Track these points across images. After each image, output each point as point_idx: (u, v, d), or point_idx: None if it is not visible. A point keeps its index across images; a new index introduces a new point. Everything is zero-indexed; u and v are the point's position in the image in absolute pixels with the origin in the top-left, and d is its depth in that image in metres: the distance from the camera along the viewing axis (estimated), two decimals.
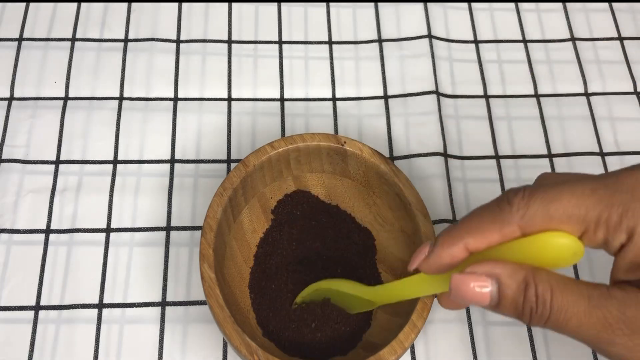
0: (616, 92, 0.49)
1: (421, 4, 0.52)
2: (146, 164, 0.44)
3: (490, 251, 0.27)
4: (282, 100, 0.47)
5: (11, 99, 0.46)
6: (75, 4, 0.50)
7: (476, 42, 0.51)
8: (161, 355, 0.39)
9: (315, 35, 0.50)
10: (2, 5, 0.50)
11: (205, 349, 0.39)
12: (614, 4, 0.53)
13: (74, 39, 0.49)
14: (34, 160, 0.44)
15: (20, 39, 0.48)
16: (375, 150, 0.39)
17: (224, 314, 0.33)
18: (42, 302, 0.40)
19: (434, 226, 0.42)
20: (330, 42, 0.50)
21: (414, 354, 0.39)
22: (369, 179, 0.40)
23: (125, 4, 0.50)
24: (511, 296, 0.26)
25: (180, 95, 0.47)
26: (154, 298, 0.40)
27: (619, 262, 0.26)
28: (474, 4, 0.52)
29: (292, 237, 0.40)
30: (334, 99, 0.48)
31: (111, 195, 0.43)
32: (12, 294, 0.40)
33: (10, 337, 0.39)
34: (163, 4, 0.50)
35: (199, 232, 0.42)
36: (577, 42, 0.51)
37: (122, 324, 0.39)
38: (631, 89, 0.49)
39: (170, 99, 0.47)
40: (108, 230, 0.42)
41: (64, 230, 0.42)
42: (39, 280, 0.40)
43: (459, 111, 0.48)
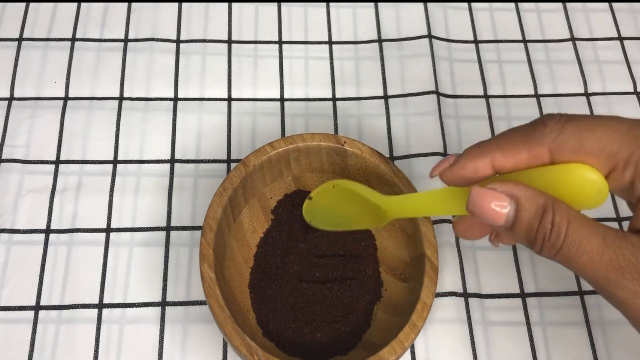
0: (616, 92, 0.49)
1: (421, 4, 0.52)
2: (146, 164, 0.44)
3: (513, 175, 0.27)
4: (282, 100, 0.47)
5: (11, 99, 0.46)
6: (75, 4, 0.50)
7: (476, 42, 0.51)
8: (161, 355, 0.39)
9: (315, 35, 0.50)
10: (2, 5, 0.50)
11: (205, 349, 0.39)
12: (614, 4, 0.53)
13: (74, 39, 0.49)
14: (34, 160, 0.44)
15: (20, 39, 0.48)
16: (375, 150, 0.39)
17: (224, 314, 0.33)
18: (42, 302, 0.40)
19: (434, 226, 0.42)
20: (330, 42, 0.50)
21: (414, 354, 0.39)
22: (369, 179, 0.40)
23: (125, 4, 0.50)
24: (527, 220, 0.26)
25: (180, 95, 0.47)
26: (154, 298, 0.40)
27: None
28: (474, 4, 0.52)
29: (292, 237, 0.40)
30: (334, 99, 0.48)
31: (111, 195, 0.43)
32: (12, 294, 0.40)
33: (10, 337, 0.39)
34: (163, 4, 0.50)
35: (199, 232, 0.42)
36: (577, 42, 0.51)
37: (122, 324, 0.39)
38: (631, 89, 0.49)
39: (170, 99, 0.47)
40: (108, 230, 0.42)
41: (64, 230, 0.42)
42: (39, 280, 0.40)
43: (459, 111, 0.48)
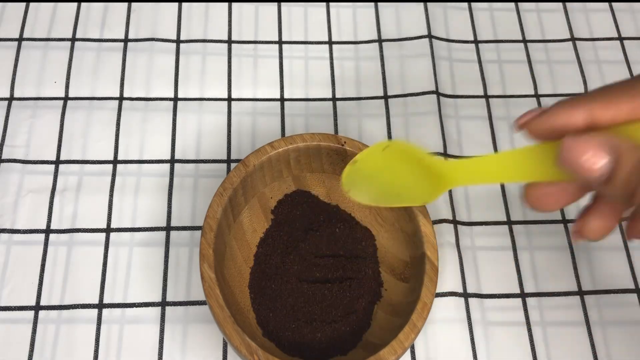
0: None
1: (421, 4, 0.52)
2: (146, 164, 0.44)
3: (610, 130, 0.24)
4: (282, 100, 0.47)
5: (11, 99, 0.46)
6: (75, 4, 0.50)
7: (476, 42, 0.51)
8: (161, 355, 0.39)
9: (315, 35, 0.50)
10: (2, 5, 0.50)
11: (205, 349, 0.39)
12: (614, 4, 0.53)
13: (74, 39, 0.49)
14: (34, 160, 0.44)
15: (20, 39, 0.48)
16: None
17: (224, 314, 0.33)
18: (42, 302, 0.40)
19: (434, 226, 0.42)
20: (330, 42, 0.50)
21: (414, 354, 0.39)
22: None
23: (125, 4, 0.50)
24: (627, 172, 0.23)
25: (180, 95, 0.47)
26: (154, 298, 0.40)
27: None
28: (474, 4, 0.52)
29: (292, 237, 0.40)
30: (334, 99, 0.48)
31: (111, 195, 0.43)
32: (12, 294, 0.40)
33: (10, 337, 0.39)
34: (163, 4, 0.50)
35: (199, 232, 0.42)
36: (577, 42, 0.51)
37: (122, 324, 0.39)
38: None
39: (170, 99, 0.47)
40: (108, 230, 0.42)
41: (64, 230, 0.42)
42: (39, 280, 0.40)
43: (459, 111, 0.48)
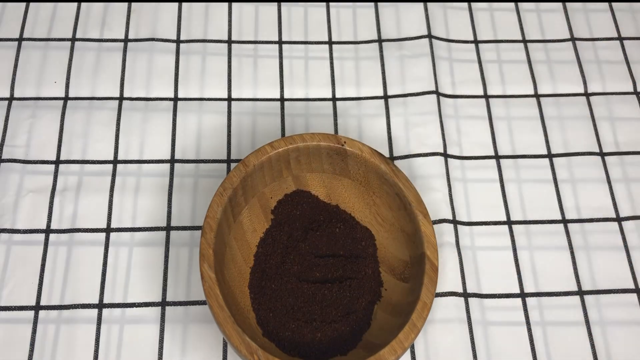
0: (616, 92, 0.49)
1: (421, 4, 0.52)
2: (146, 164, 0.44)
3: None
4: (282, 100, 0.47)
5: (11, 99, 0.46)
6: (75, 4, 0.50)
7: (476, 42, 0.51)
8: (161, 355, 0.39)
9: (315, 35, 0.50)
10: (2, 5, 0.50)
11: (205, 349, 0.39)
12: (614, 4, 0.53)
13: (74, 39, 0.49)
14: (34, 160, 0.44)
15: (20, 39, 0.48)
16: (375, 150, 0.39)
17: (224, 314, 0.33)
18: (42, 302, 0.40)
19: (434, 226, 0.42)
20: (330, 42, 0.50)
21: (414, 354, 0.39)
22: (369, 179, 0.40)
23: (125, 4, 0.50)
24: None
25: (180, 95, 0.47)
26: (154, 298, 0.40)
27: None
28: (474, 4, 0.52)
29: (292, 237, 0.40)
30: (334, 99, 0.48)
31: (111, 195, 0.43)
32: (12, 294, 0.40)
33: (10, 337, 0.39)
34: (163, 4, 0.50)
35: (199, 232, 0.42)
36: (577, 42, 0.51)
37: (122, 324, 0.39)
38: (631, 89, 0.49)
39: (170, 99, 0.47)
40: (108, 230, 0.42)
41: (64, 230, 0.42)
42: (39, 280, 0.40)
43: (459, 111, 0.48)
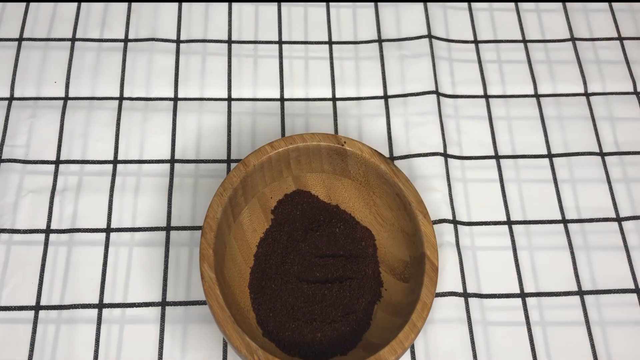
0: (616, 92, 0.49)
1: (421, 4, 0.52)
2: (146, 164, 0.44)
3: None
4: (282, 100, 0.47)
5: (11, 99, 0.46)
6: (75, 4, 0.50)
7: (476, 42, 0.51)
8: (161, 355, 0.39)
9: (315, 35, 0.50)
10: (2, 5, 0.50)
11: (205, 349, 0.39)
12: (614, 4, 0.53)
13: (74, 39, 0.49)
14: (34, 160, 0.44)
15: (20, 39, 0.48)
16: (375, 150, 0.39)
17: (224, 314, 0.33)
18: (42, 302, 0.40)
19: (434, 226, 0.42)
20: (330, 42, 0.50)
21: (414, 354, 0.39)
22: (369, 179, 0.40)
23: (125, 4, 0.50)
24: None
25: (180, 95, 0.47)
26: (154, 298, 0.40)
27: None
28: (474, 4, 0.52)
29: (292, 237, 0.40)
30: (334, 99, 0.48)
31: (111, 195, 0.43)
32: (12, 294, 0.40)
33: (10, 337, 0.39)
34: (163, 4, 0.50)
35: (199, 232, 0.42)
36: (577, 42, 0.51)
37: (122, 324, 0.39)
38: (631, 89, 0.49)
39: (170, 99, 0.47)
40: (108, 230, 0.42)
41: (64, 230, 0.42)
42: (39, 280, 0.40)
43: (459, 111, 0.48)
